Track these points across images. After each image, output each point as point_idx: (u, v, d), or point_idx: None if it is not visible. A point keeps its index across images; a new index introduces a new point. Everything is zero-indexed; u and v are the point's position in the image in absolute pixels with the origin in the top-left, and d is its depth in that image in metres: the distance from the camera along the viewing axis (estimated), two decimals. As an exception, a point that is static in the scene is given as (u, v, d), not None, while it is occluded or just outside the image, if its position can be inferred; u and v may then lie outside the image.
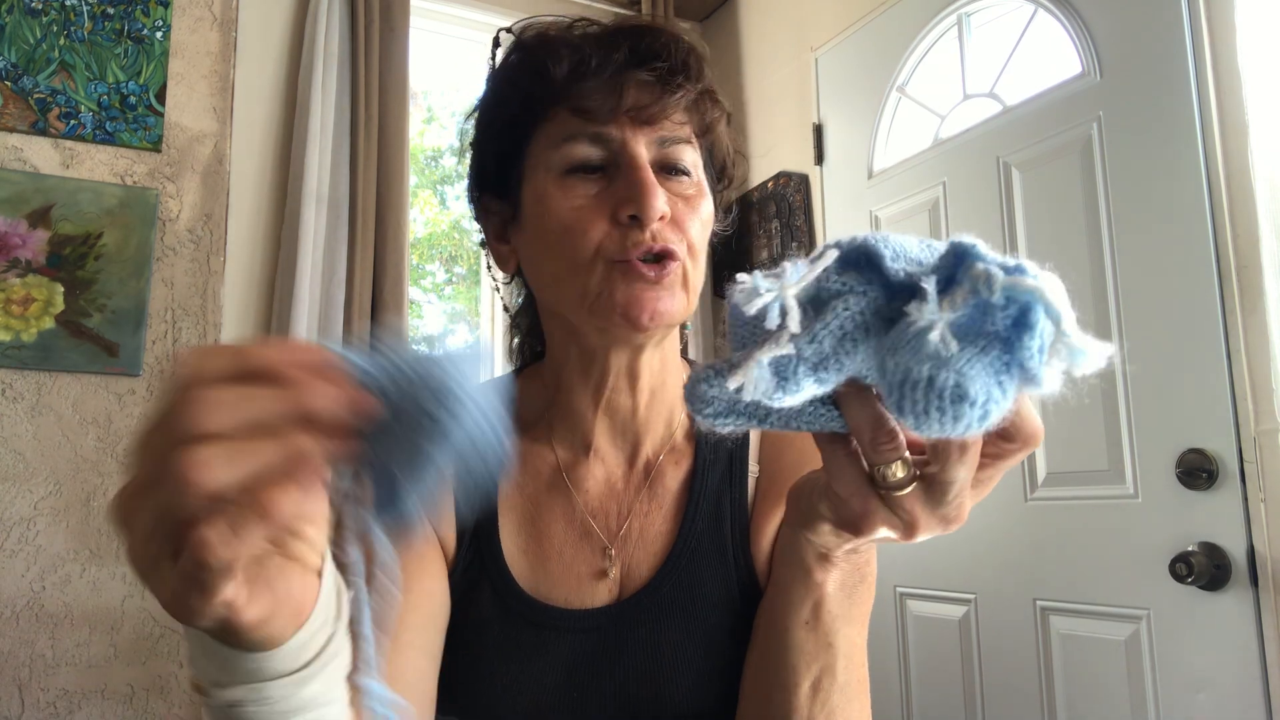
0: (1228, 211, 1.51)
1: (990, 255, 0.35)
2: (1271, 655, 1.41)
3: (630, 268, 0.66)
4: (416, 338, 3.78)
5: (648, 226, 0.66)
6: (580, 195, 0.68)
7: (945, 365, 0.33)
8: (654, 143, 0.69)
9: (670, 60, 0.70)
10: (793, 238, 2.47)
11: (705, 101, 0.72)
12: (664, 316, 0.66)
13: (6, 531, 1.95)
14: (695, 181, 0.72)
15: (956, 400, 0.33)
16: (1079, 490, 1.71)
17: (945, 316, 0.33)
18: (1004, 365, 0.34)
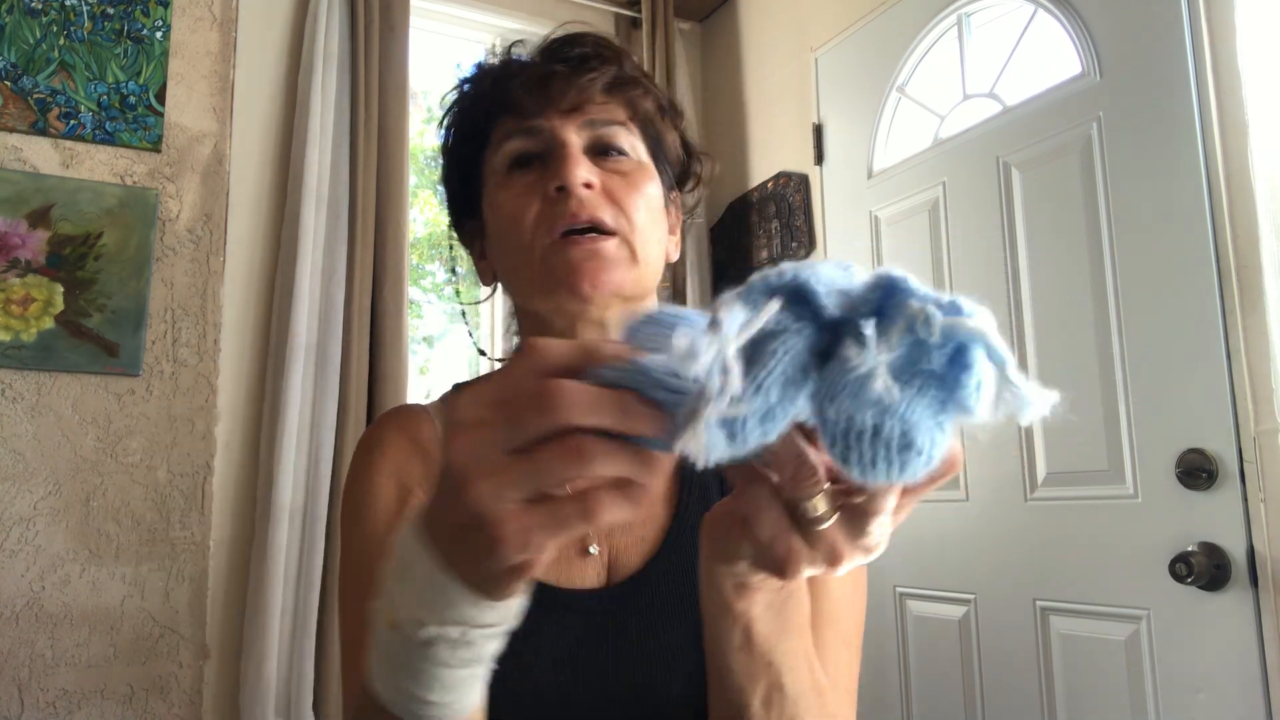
0: (1228, 211, 1.51)
1: (923, 290, 0.33)
2: (1271, 655, 1.41)
3: (565, 240, 0.70)
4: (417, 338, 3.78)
5: (573, 195, 0.69)
6: (519, 185, 0.74)
7: (890, 414, 0.32)
8: (584, 128, 0.74)
9: (580, 50, 0.75)
10: (793, 238, 2.47)
11: (630, 88, 0.76)
12: (608, 284, 0.69)
13: (6, 531, 1.95)
14: (635, 161, 0.75)
15: (904, 449, 0.32)
16: (1079, 490, 1.71)
17: (884, 359, 0.32)
18: (941, 404, 0.33)
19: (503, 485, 0.36)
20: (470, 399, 0.37)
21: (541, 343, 0.37)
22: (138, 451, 2.07)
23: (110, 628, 2.00)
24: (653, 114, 0.79)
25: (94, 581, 2.00)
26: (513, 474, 0.36)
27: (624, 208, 0.72)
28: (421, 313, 4.16)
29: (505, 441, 0.36)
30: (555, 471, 0.35)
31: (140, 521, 2.05)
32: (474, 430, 0.37)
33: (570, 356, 0.36)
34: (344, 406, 2.15)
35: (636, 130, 0.77)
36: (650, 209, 0.74)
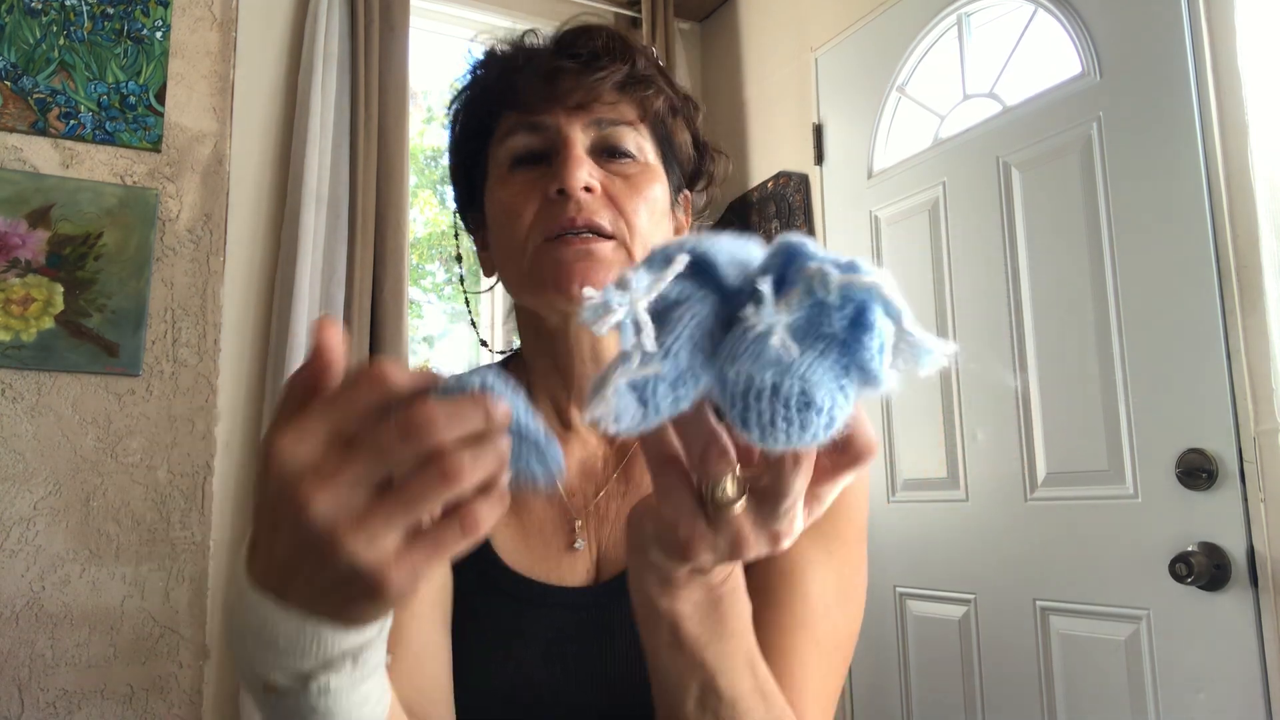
0: (1228, 211, 1.51)
1: (822, 253, 0.33)
2: (1271, 655, 1.41)
3: (559, 240, 0.69)
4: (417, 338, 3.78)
5: (572, 198, 0.68)
6: (520, 183, 0.72)
7: (788, 372, 0.31)
8: (590, 126, 0.72)
9: (593, 46, 0.73)
10: (793, 238, 2.47)
11: (642, 86, 0.74)
12: (599, 286, 0.67)
13: (6, 531, 1.95)
14: (640, 164, 0.73)
15: (803, 408, 0.31)
16: (1079, 490, 1.71)
17: (783, 319, 0.32)
18: (844, 368, 0.32)
19: (375, 532, 0.33)
20: (293, 436, 0.34)
21: (380, 369, 0.35)
22: (138, 451, 2.07)
23: (110, 628, 2.00)
24: (664, 113, 0.77)
25: (94, 581, 2.00)
26: (383, 516, 0.34)
27: (624, 212, 0.70)
28: (421, 313, 4.16)
29: (364, 480, 0.34)
30: (429, 500, 0.34)
31: (140, 521, 2.05)
32: (320, 475, 0.34)
33: (412, 381, 0.35)
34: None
35: (646, 130, 0.75)
36: (653, 213, 0.73)
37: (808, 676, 0.63)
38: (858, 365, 0.32)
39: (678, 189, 0.80)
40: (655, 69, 0.77)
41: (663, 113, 0.76)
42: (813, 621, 0.65)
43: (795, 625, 0.64)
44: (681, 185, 0.81)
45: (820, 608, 0.66)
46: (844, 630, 0.68)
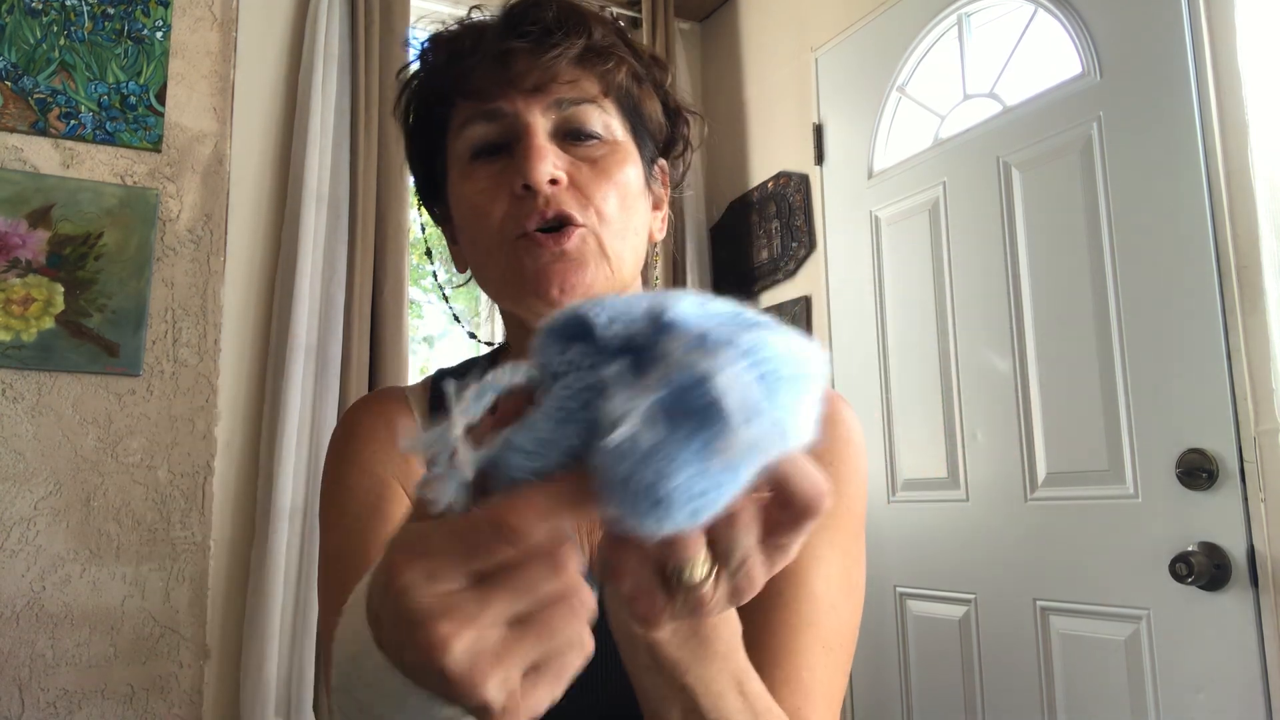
0: (1228, 211, 1.51)
1: (689, 318, 0.31)
2: (1271, 655, 1.41)
3: (529, 240, 0.65)
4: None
5: (539, 193, 0.65)
6: (483, 178, 0.68)
7: (642, 462, 0.30)
8: (551, 109, 0.68)
9: (544, 19, 0.68)
10: (793, 238, 2.47)
11: (601, 59, 0.69)
12: (577, 288, 0.65)
13: (6, 531, 1.95)
14: (608, 143, 0.69)
15: (657, 500, 0.30)
16: (1079, 490, 1.71)
17: (640, 405, 0.30)
18: (706, 450, 0.30)
19: (510, 674, 0.33)
20: (424, 570, 0.33)
21: (520, 503, 0.33)
22: (138, 451, 2.07)
23: (110, 628, 2.00)
24: (628, 84, 0.72)
25: (94, 581, 2.00)
26: (519, 655, 0.33)
27: (593, 200, 0.67)
28: (421, 313, 4.15)
29: (501, 620, 0.33)
30: (567, 634, 0.34)
31: (140, 521, 2.05)
32: (459, 617, 0.32)
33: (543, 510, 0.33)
34: (344, 406, 2.15)
35: (612, 105, 0.70)
36: (625, 195, 0.69)
37: (815, 680, 0.62)
38: (718, 447, 0.30)
39: (652, 161, 0.76)
40: (615, 36, 0.72)
41: (626, 84, 0.71)
42: (819, 620, 0.64)
43: (802, 625, 0.63)
44: (655, 156, 0.77)
45: (826, 605, 0.65)
46: (849, 625, 0.67)
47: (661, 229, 0.78)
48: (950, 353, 1.99)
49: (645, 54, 0.75)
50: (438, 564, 0.32)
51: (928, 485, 2.03)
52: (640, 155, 0.73)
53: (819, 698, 0.62)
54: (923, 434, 2.04)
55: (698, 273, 2.71)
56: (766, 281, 2.56)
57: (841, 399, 0.75)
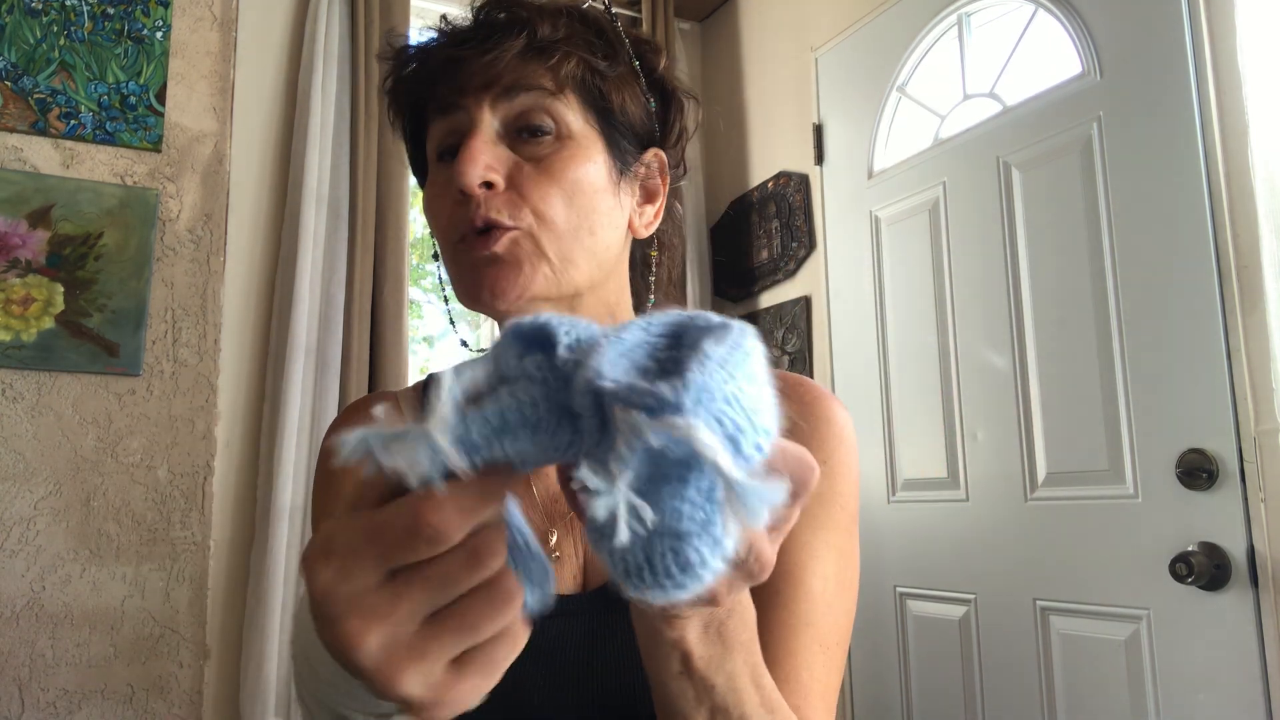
0: (1228, 211, 1.51)
1: (619, 377, 0.30)
2: (1271, 655, 1.41)
3: (466, 243, 0.66)
4: (416, 338, 3.78)
5: (471, 198, 0.65)
6: (439, 182, 0.69)
7: (652, 543, 0.29)
8: (499, 100, 0.67)
9: (488, 22, 0.69)
10: (793, 238, 2.47)
11: (545, 55, 0.68)
12: (509, 291, 0.65)
13: (6, 531, 1.95)
14: (560, 139, 0.68)
15: (684, 568, 0.30)
16: (1079, 490, 1.71)
17: (622, 488, 0.29)
18: (706, 502, 0.30)
19: (430, 667, 0.33)
20: (337, 570, 0.33)
21: (428, 500, 0.32)
22: (138, 451, 2.07)
23: (110, 628, 2.00)
24: (585, 75, 0.70)
25: (94, 581, 2.00)
26: (437, 649, 0.33)
27: (529, 200, 0.65)
28: (421, 313, 4.16)
29: (418, 614, 0.33)
30: (491, 627, 0.33)
31: (140, 521, 2.05)
32: (371, 614, 0.32)
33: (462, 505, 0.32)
34: (344, 407, 2.15)
35: (572, 98, 0.69)
36: (575, 193, 0.67)
37: (814, 679, 0.63)
38: (712, 498, 0.30)
39: (629, 152, 0.73)
40: (580, 25, 0.71)
41: (583, 75, 0.69)
42: (816, 620, 0.64)
43: (800, 625, 0.64)
44: (638, 147, 0.74)
45: (823, 605, 0.65)
46: (844, 624, 0.67)
47: (652, 222, 0.76)
48: (950, 352, 1.99)
49: (633, 39, 0.74)
50: (350, 563, 0.32)
51: (928, 485, 2.03)
52: (610, 148, 0.71)
53: (817, 696, 0.63)
54: (923, 434, 2.04)
55: (697, 272, 2.71)
56: (766, 281, 2.56)
57: (833, 398, 0.75)
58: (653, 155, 0.76)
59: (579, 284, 0.69)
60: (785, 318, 2.48)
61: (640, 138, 0.74)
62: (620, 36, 0.74)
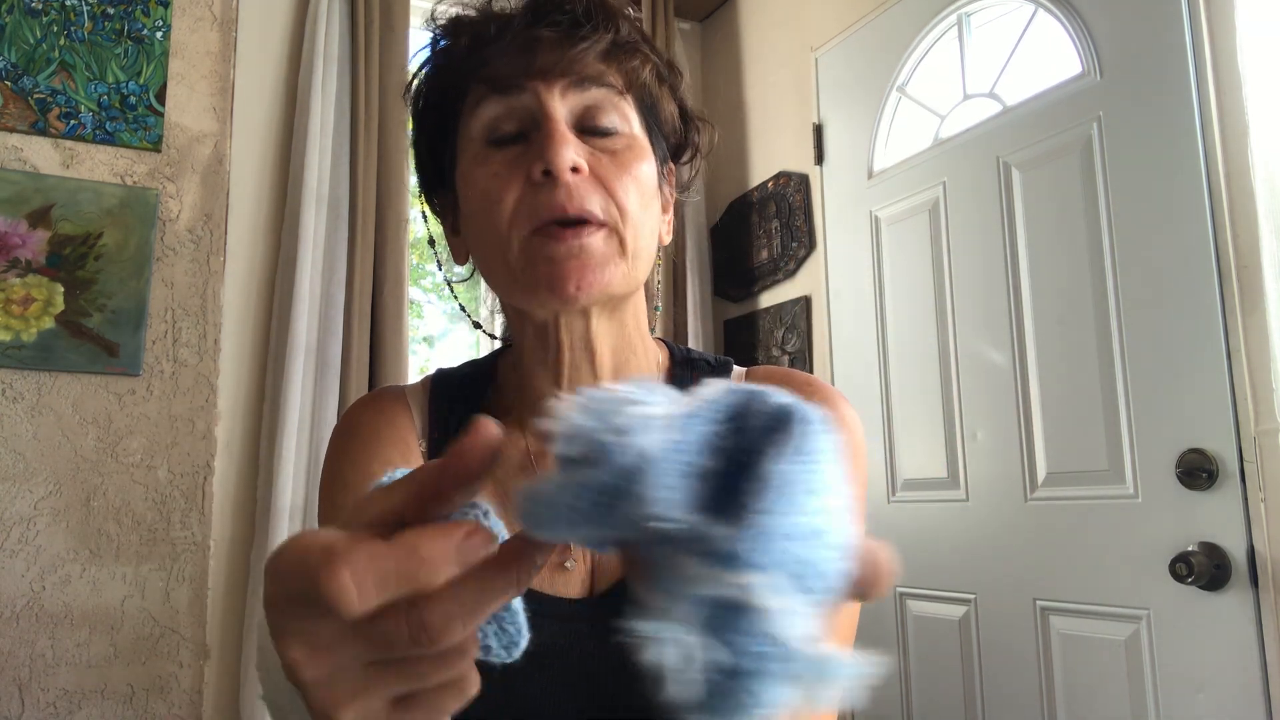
0: (1228, 211, 1.51)
1: (675, 525, 0.28)
2: (1271, 655, 1.41)
3: (547, 233, 0.63)
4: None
5: (560, 181, 0.62)
6: (498, 163, 0.66)
7: (722, 684, 0.28)
8: (570, 94, 0.66)
9: (572, 11, 0.66)
10: (793, 238, 2.47)
11: (624, 53, 0.68)
12: (594, 285, 0.63)
13: (6, 531, 1.95)
14: (626, 137, 0.67)
15: (755, 704, 0.28)
16: (1079, 490, 1.71)
17: (687, 636, 0.27)
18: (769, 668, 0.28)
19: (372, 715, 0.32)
20: (310, 657, 0.31)
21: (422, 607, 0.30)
22: (138, 451, 2.07)
23: (110, 628, 2.00)
24: (650, 83, 0.70)
25: (94, 581, 2.00)
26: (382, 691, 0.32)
27: (615, 194, 0.64)
28: (421, 313, 4.15)
29: (387, 694, 0.32)
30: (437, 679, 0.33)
31: (140, 521, 2.05)
32: (344, 696, 0.32)
33: None
34: (344, 406, 2.15)
35: (632, 101, 0.69)
36: (643, 193, 0.67)
37: None
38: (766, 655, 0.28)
39: (662, 162, 0.74)
40: (639, 35, 0.70)
41: (649, 82, 0.70)
42: None
43: None
44: (666, 159, 0.75)
45: None
46: (851, 624, 0.68)
47: (668, 233, 0.77)
48: (950, 352, 1.99)
49: (666, 58, 0.74)
50: (333, 657, 0.31)
51: (928, 485, 2.03)
52: (655, 155, 0.71)
53: None
54: (923, 434, 2.04)
55: (697, 272, 2.71)
56: (766, 281, 2.56)
57: (842, 398, 0.74)
58: (668, 168, 0.76)
59: (637, 280, 0.68)
60: (785, 318, 2.48)
61: (668, 150, 0.75)
62: (660, 50, 0.74)
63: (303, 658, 0.31)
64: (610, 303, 0.68)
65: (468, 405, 0.77)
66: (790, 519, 0.27)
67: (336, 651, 0.31)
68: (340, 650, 0.31)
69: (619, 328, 0.72)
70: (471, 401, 0.77)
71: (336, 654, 0.31)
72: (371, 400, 0.78)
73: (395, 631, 0.30)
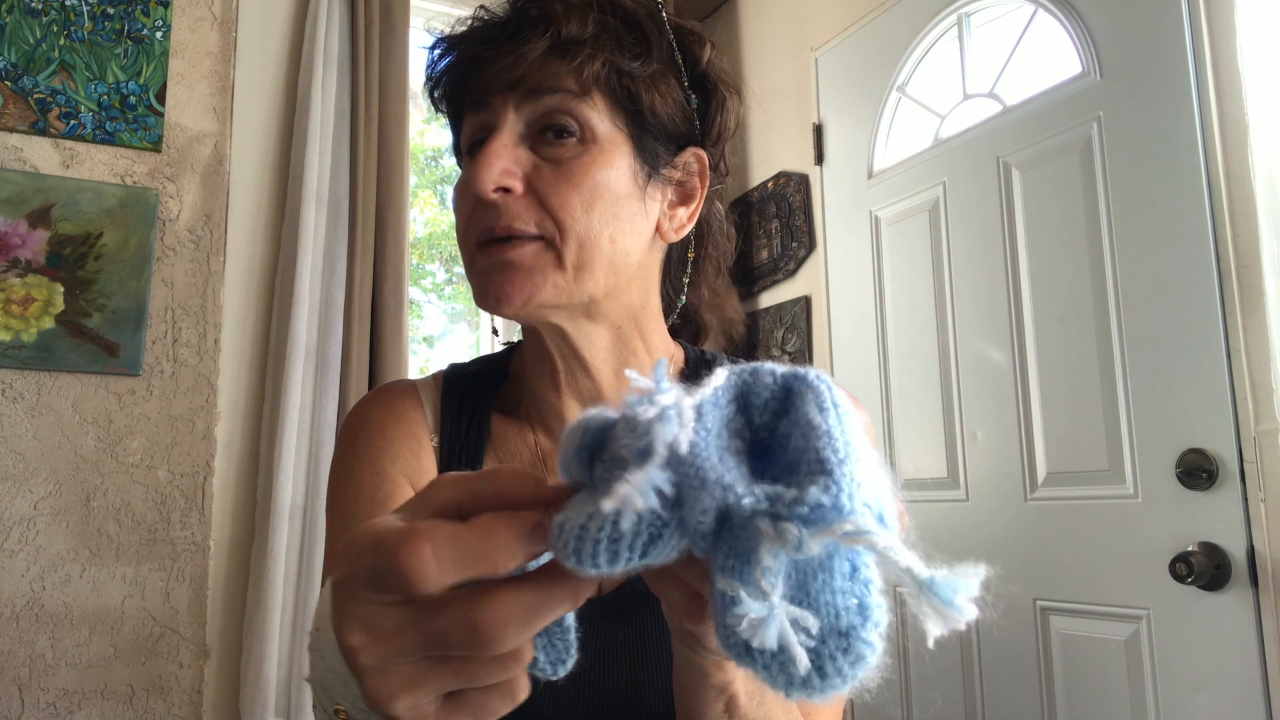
0: (1228, 211, 1.51)
1: (761, 495, 0.27)
2: (1271, 655, 1.41)
3: (483, 250, 0.66)
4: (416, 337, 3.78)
5: (489, 203, 0.64)
6: (463, 179, 0.68)
7: (820, 650, 0.28)
8: (525, 109, 0.66)
9: (521, 19, 0.67)
10: (793, 238, 2.47)
11: (569, 56, 0.65)
12: (517, 296, 0.64)
13: (6, 531, 1.95)
14: (584, 142, 0.66)
15: (854, 663, 0.29)
16: (1079, 490, 1.71)
17: (779, 606, 0.27)
18: (850, 583, 0.28)
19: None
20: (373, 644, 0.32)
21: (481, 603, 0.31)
22: (138, 451, 2.07)
23: (110, 628, 2.00)
24: (611, 75, 0.67)
25: (94, 581, 2.00)
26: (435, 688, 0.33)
27: (550, 207, 0.64)
28: (421, 313, 4.16)
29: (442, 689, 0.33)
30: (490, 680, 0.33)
31: (140, 521, 2.05)
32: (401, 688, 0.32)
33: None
34: (344, 406, 2.15)
35: (599, 99, 0.67)
36: (597, 199, 0.65)
37: (823, 713, 0.64)
38: (860, 576, 0.29)
39: (659, 154, 0.71)
40: (614, 21, 0.68)
41: (607, 74, 0.67)
42: None
43: None
44: (673, 147, 0.72)
45: None
46: None
47: (684, 225, 0.73)
48: (950, 352, 1.99)
49: (677, 31, 0.71)
50: (392, 646, 0.32)
51: (928, 485, 2.03)
52: (638, 151, 0.68)
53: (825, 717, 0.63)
54: (923, 433, 2.04)
55: (698, 273, 2.71)
56: (766, 281, 2.56)
57: (851, 395, 0.75)
58: (691, 155, 0.73)
59: (593, 293, 0.67)
60: (785, 318, 2.48)
61: (675, 137, 0.72)
62: (662, 28, 0.71)
63: (362, 644, 0.31)
64: (574, 311, 0.68)
65: (479, 401, 0.77)
66: (860, 467, 0.27)
67: (395, 641, 0.31)
68: (399, 640, 0.31)
69: (609, 331, 0.71)
70: (483, 398, 0.77)
71: (395, 643, 0.31)
72: (381, 395, 0.77)
73: (453, 628, 0.30)
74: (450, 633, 0.30)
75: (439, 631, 0.31)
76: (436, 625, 0.31)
